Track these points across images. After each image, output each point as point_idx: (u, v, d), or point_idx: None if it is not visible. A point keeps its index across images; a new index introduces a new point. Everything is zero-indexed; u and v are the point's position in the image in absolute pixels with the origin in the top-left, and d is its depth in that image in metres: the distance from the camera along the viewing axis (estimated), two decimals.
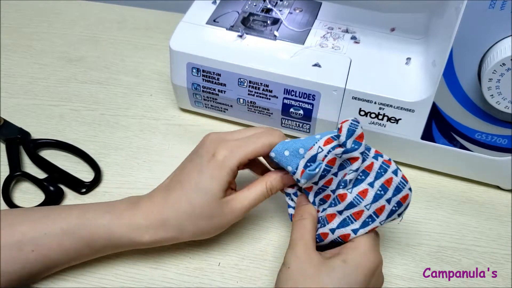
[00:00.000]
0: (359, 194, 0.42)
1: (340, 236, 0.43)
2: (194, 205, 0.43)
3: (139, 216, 0.43)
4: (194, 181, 0.43)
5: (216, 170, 0.42)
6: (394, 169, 0.43)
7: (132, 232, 0.43)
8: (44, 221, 0.43)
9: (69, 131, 0.59)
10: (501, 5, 0.43)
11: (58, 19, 0.74)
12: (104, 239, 0.43)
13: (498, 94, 0.46)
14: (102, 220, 0.43)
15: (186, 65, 0.56)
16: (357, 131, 0.41)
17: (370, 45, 0.56)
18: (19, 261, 0.41)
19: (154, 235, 0.43)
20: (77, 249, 0.43)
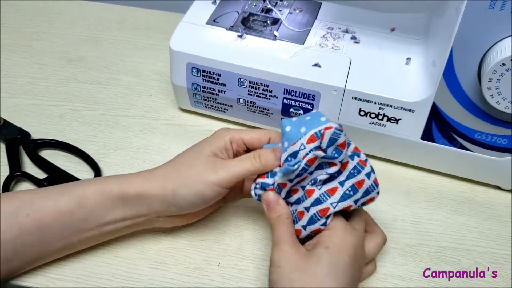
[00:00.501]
0: (327, 192, 0.43)
1: (313, 231, 0.43)
2: (182, 161, 0.45)
3: (131, 175, 0.45)
4: (189, 149, 0.46)
5: (210, 138, 0.46)
6: (368, 171, 0.43)
7: (121, 182, 0.44)
8: (40, 190, 0.44)
9: (69, 131, 0.59)
10: (501, 5, 0.43)
11: (58, 19, 0.74)
12: (96, 192, 0.43)
13: (498, 94, 0.46)
14: (95, 180, 0.45)
15: (186, 65, 0.56)
16: (339, 140, 0.41)
17: (370, 45, 0.56)
18: (14, 228, 0.42)
19: (141, 183, 0.44)
20: (71, 210, 0.43)
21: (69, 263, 0.47)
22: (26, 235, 0.42)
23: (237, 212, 0.52)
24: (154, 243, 0.49)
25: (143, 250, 0.48)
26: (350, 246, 0.41)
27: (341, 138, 0.41)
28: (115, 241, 0.49)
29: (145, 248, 0.49)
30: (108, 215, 0.44)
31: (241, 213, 0.52)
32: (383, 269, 0.49)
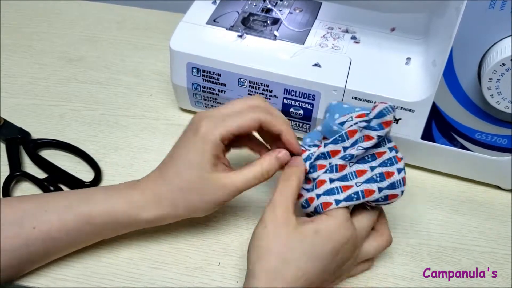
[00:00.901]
0: (356, 172, 0.43)
1: (322, 203, 0.43)
2: (184, 179, 0.43)
3: (137, 193, 0.44)
4: (182, 156, 0.44)
5: (200, 143, 0.43)
6: (400, 167, 0.43)
7: (131, 209, 0.44)
8: (45, 200, 0.44)
9: (69, 131, 0.59)
10: (501, 5, 0.43)
11: (58, 19, 0.74)
12: (104, 215, 0.43)
13: (498, 94, 0.46)
14: (102, 197, 0.44)
15: (186, 65, 0.56)
16: (387, 117, 0.42)
17: (370, 45, 0.56)
18: (20, 238, 0.42)
19: (151, 211, 0.44)
20: (78, 226, 0.43)
21: (70, 263, 0.47)
22: (32, 246, 0.42)
23: (237, 212, 0.52)
24: (155, 243, 0.49)
25: (143, 250, 0.48)
26: (339, 239, 0.41)
27: (389, 116, 0.42)
28: (116, 241, 0.49)
29: (145, 248, 0.49)
30: (117, 232, 0.46)
31: (241, 213, 0.52)
32: (383, 269, 0.49)
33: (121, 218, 0.44)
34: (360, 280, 0.48)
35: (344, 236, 0.41)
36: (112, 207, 0.44)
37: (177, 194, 0.44)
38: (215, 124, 0.43)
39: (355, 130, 0.43)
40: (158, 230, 0.50)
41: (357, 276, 0.48)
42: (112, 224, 0.44)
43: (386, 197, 0.43)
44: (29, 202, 0.44)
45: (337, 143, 0.44)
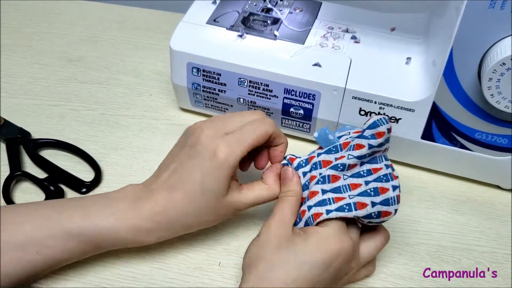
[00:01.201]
0: (350, 185, 0.43)
1: (313, 214, 0.42)
2: (201, 207, 0.43)
3: (145, 219, 0.43)
4: (198, 182, 0.42)
5: (219, 170, 0.42)
6: (395, 184, 0.43)
7: (137, 235, 0.43)
8: (47, 221, 0.42)
9: (69, 131, 0.59)
10: (501, 5, 0.43)
11: (58, 19, 0.74)
12: (110, 240, 0.43)
13: (498, 93, 0.46)
14: (107, 223, 0.42)
15: (186, 65, 0.56)
16: (380, 128, 0.42)
17: (370, 45, 0.56)
18: (23, 263, 0.41)
19: (160, 236, 0.44)
20: (82, 249, 0.43)
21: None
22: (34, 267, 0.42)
23: None
24: (155, 243, 0.49)
25: (144, 250, 0.48)
26: (329, 251, 0.40)
27: (383, 127, 0.42)
28: None
29: (146, 247, 0.48)
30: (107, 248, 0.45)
31: (241, 213, 0.52)
32: (383, 269, 0.49)
33: (127, 242, 0.44)
34: (360, 280, 0.48)
35: (334, 249, 0.40)
36: (118, 234, 0.43)
37: (190, 219, 0.44)
38: (232, 147, 0.42)
39: (349, 142, 0.43)
40: None
41: None
42: (115, 245, 0.44)
43: (379, 213, 0.42)
44: (29, 223, 0.42)
45: (330, 153, 0.44)
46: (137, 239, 0.43)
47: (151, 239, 0.44)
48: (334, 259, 0.40)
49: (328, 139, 0.45)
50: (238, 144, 0.43)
